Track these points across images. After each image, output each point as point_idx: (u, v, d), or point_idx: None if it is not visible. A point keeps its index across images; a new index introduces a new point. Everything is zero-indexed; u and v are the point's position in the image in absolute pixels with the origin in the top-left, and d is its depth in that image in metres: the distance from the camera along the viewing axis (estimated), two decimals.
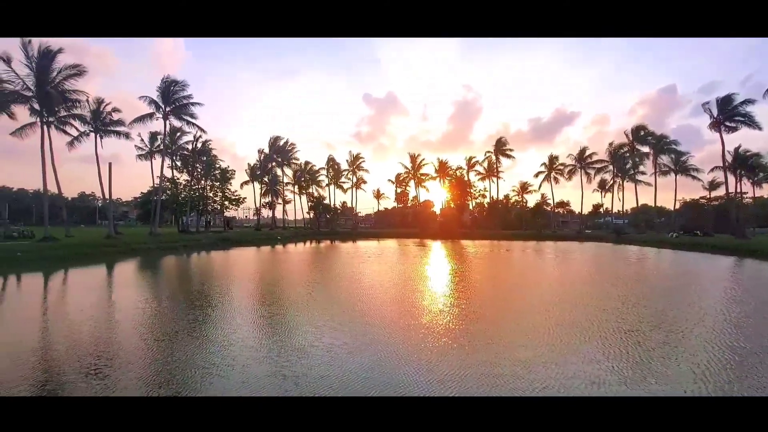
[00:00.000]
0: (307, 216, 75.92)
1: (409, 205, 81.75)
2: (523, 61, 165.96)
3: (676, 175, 57.50)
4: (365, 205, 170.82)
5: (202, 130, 45.00)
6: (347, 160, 75.47)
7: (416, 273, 20.97)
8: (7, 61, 28.95)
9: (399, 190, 79.51)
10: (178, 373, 6.79)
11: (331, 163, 74.74)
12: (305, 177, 71.96)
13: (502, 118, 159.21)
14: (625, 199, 65.32)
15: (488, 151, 72.88)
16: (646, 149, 59.25)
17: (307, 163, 72.98)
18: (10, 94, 28.96)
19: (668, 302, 12.94)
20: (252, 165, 64.56)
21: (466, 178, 75.19)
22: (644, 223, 66.93)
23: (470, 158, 76.31)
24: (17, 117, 30.81)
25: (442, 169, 74.79)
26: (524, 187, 79.24)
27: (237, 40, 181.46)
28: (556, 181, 68.84)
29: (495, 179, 74.08)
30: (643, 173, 60.35)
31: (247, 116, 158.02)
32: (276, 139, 66.08)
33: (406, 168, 75.55)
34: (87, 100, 34.98)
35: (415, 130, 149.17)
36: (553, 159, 69.38)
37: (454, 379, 6.47)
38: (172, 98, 40.94)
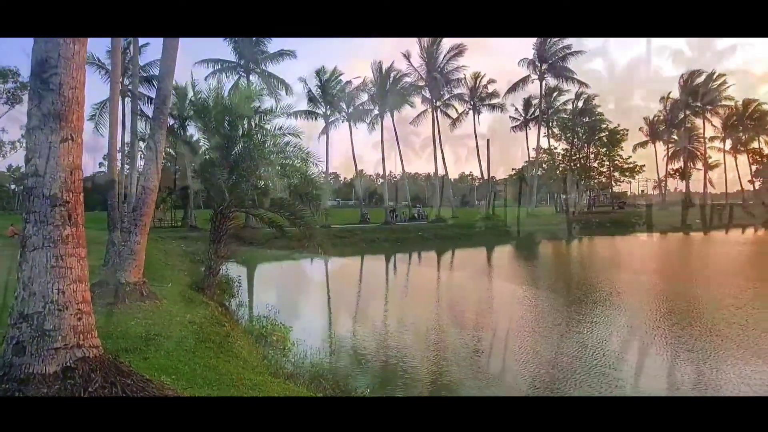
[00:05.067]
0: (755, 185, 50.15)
1: None
2: None
3: None
4: None
5: (584, 84, 38.91)
6: None
7: None
8: (408, 56, 34.83)
9: None
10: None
11: None
12: (746, 123, 47.33)
13: None
14: None
15: None
16: None
17: (748, 101, 47.71)
18: (410, 86, 34.42)
19: None
20: (651, 118, 49.11)
21: None
22: None
23: None
24: (415, 106, 36.29)
25: None
26: None
27: None
28: None
29: None
30: None
31: (633, 55, 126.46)
32: (691, 74, 46.68)
33: None
34: (465, 78, 36.76)
35: None
36: None
37: None
38: (549, 53, 37.40)
